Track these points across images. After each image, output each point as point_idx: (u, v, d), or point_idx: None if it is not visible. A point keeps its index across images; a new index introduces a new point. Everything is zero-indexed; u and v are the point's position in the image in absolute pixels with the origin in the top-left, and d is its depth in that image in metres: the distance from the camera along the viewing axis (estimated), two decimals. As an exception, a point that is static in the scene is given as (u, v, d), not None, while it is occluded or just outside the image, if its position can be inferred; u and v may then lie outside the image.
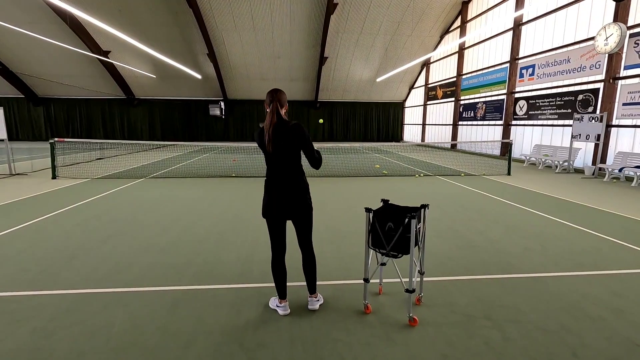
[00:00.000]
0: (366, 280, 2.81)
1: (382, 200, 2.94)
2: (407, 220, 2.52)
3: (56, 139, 9.23)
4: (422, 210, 2.76)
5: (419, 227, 2.71)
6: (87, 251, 4.06)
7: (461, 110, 19.18)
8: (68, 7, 8.93)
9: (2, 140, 9.56)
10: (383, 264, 3.05)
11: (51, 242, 4.37)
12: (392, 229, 2.61)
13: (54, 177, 9.05)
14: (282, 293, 2.78)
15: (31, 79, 23.30)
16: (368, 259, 2.80)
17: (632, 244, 4.39)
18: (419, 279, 3.00)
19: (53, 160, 9.14)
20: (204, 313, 2.78)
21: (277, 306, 2.80)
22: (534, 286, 3.28)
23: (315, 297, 2.87)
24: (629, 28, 9.56)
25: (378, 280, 3.22)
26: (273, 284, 3.26)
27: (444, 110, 21.34)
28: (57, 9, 17.22)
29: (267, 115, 2.57)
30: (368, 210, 2.71)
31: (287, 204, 2.62)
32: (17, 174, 9.60)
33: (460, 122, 19.38)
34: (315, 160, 2.65)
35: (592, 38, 10.53)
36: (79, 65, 21.97)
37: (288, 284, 3.22)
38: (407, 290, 2.63)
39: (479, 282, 3.36)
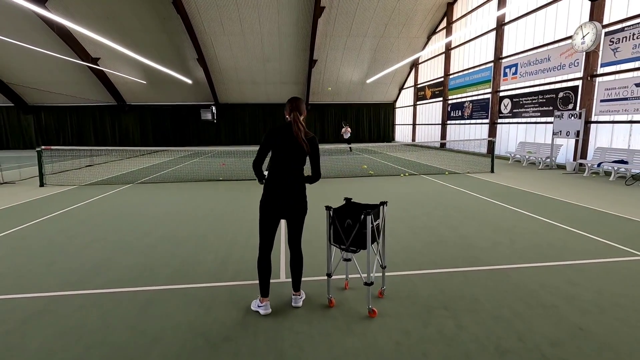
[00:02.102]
0: (329, 275, 2.94)
1: (345, 198, 3.07)
2: (363, 216, 2.66)
3: (42, 147, 9.28)
4: (381, 207, 2.90)
5: (377, 223, 2.85)
6: (67, 256, 4.15)
7: (449, 109, 19.42)
8: (55, 17, 9.02)
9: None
10: (347, 260, 3.19)
11: (33, 248, 4.45)
12: (351, 225, 2.74)
13: (41, 184, 9.10)
14: (265, 291, 2.86)
15: (20, 87, 23.24)
16: (330, 255, 2.93)
17: (596, 236, 4.56)
18: (379, 273, 3.13)
19: (40, 168, 9.19)
20: (174, 311, 2.89)
21: (259, 306, 2.86)
22: (496, 278, 3.42)
23: (299, 295, 2.98)
24: (604, 27, 9.81)
25: (344, 276, 3.35)
26: (246, 282, 3.39)
27: (433, 110, 21.59)
28: (43, 17, 17.25)
29: (293, 123, 2.71)
30: (328, 208, 2.85)
31: (290, 203, 2.76)
32: (5, 183, 9.63)
33: (448, 122, 19.61)
34: (319, 173, 2.85)
35: (570, 37, 10.78)
36: (68, 72, 21.95)
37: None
38: (365, 284, 2.76)
39: (443, 275, 3.50)
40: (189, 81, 22.71)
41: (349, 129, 18.92)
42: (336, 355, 2.32)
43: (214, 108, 25.87)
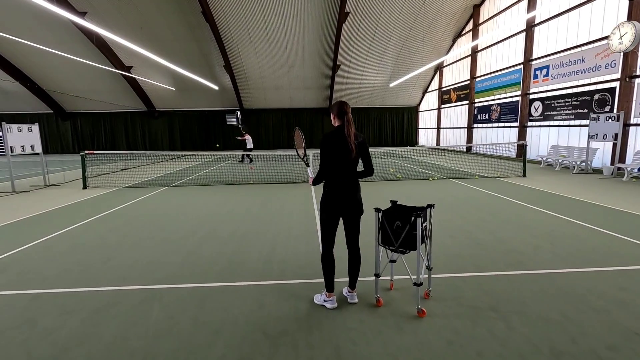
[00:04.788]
0: (377, 275, 3.03)
1: (391, 201, 3.16)
2: (413, 218, 2.74)
3: (86, 152, 9.83)
4: (428, 209, 2.97)
5: (425, 225, 2.92)
6: (121, 253, 4.43)
7: (476, 112, 19.11)
8: (95, 28, 9.59)
9: (37, 153, 10.25)
10: (393, 261, 3.27)
11: (88, 245, 4.77)
12: (400, 227, 2.83)
13: (84, 187, 9.63)
14: (330, 285, 3.01)
15: (60, 95, 24.60)
16: (379, 256, 3.03)
17: (643, 242, 4.44)
18: (427, 275, 3.19)
19: (84, 171, 9.74)
20: (230, 306, 3.06)
21: (325, 300, 3.03)
22: (541, 281, 3.41)
23: (355, 292, 3.12)
24: (644, 26, 9.47)
25: (389, 277, 3.43)
26: (293, 281, 3.53)
27: (458, 114, 21.30)
28: (83, 30, 18.25)
29: (346, 125, 2.83)
30: (377, 210, 2.95)
31: (351, 203, 2.92)
32: (51, 185, 10.25)
33: (475, 125, 19.31)
34: (372, 169, 3.01)
35: (606, 37, 10.46)
36: (103, 81, 23.08)
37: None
38: (415, 284, 2.84)
39: (487, 278, 3.52)
40: (216, 87, 23.37)
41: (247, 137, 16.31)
42: (390, 351, 2.41)
43: (239, 113, 26.43)
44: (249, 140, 16.40)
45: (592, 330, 2.59)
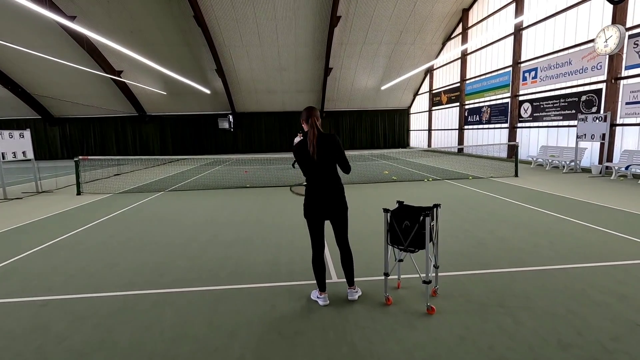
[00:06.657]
0: (386, 274, 3.10)
1: (398, 201, 3.24)
2: (422, 218, 2.82)
3: (80, 157, 9.71)
4: (435, 209, 3.05)
5: (433, 225, 3.01)
6: (126, 258, 4.41)
7: (466, 114, 19.44)
8: (84, 31, 9.52)
9: (29, 160, 10.09)
10: (400, 260, 3.34)
11: (91, 252, 4.73)
12: (409, 226, 2.91)
13: (78, 193, 9.51)
14: (322, 286, 3.13)
15: (47, 100, 24.19)
16: (387, 255, 3.09)
17: (636, 238, 4.60)
18: (434, 273, 3.27)
19: (78, 177, 9.61)
20: (243, 308, 3.09)
21: (318, 297, 3.15)
22: (543, 278, 3.53)
23: (354, 289, 3.21)
24: (628, 29, 9.81)
25: (396, 276, 3.50)
26: (301, 282, 3.58)
27: (449, 115, 21.62)
28: (73, 34, 18.03)
29: (309, 130, 2.95)
30: (386, 210, 3.02)
31: (329, 205, 3.01)
32: (44, 192, 10.09)
33: (466, 127, 19.62)
34: (347, 166, 3.09)
35: (592, 40, 10.79)
36: (93, 85, 22.78)
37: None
38: (424, 282, 2.92)
39: (491, 275, 3.62)
40: (208, 91, 23.28)
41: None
42: (405, 347, 2.48)
43: (231, 117, 26.39)
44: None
45: (596, 322, 2.70)
